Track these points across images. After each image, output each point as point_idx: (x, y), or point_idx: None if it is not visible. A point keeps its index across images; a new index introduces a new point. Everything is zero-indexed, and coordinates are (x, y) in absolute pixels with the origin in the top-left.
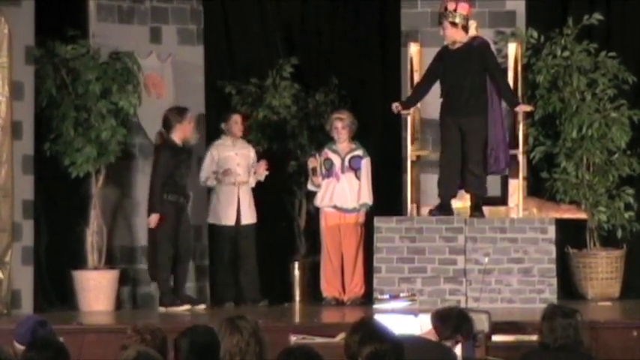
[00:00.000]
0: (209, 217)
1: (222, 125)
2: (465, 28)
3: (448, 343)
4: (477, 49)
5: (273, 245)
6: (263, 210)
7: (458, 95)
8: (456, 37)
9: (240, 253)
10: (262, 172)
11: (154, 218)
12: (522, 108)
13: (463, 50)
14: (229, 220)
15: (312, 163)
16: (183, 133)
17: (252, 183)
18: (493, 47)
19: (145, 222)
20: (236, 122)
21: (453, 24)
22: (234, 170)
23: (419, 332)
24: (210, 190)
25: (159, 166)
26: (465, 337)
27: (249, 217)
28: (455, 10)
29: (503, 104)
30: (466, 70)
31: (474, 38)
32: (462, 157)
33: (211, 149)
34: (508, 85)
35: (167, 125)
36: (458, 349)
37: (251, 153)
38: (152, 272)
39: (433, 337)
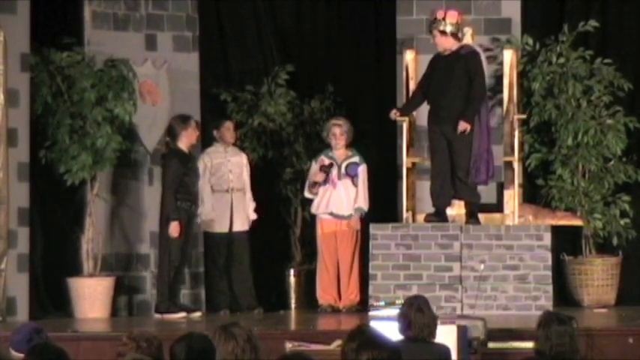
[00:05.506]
0: (201, 225)
1: (214, 132)
2: (455, 36)
3: None
4: (464, 57)
5: (268, 252)
6: (259, 217)
7: (441, 102)
8: (445, 45)
9: (233, 260)
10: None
11: (175, 227)
12: (462, 125)
13: (451, 58)
14: (223, 228)
15: (319, 177)
16: (189, 139)
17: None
18: (483, 56)
19: (141, 229)
20: (228, 129)
21: (443, 32)
22: (227, 177)
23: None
24: None
25: (168, 175)
26: None
27: (241, 224)
28: (444, 19)
29: (494, 114)
30: (451, 77)
31: (463, 47)
32: (450, 165)
33: (203, 156)
34: (477, 97)
35: (173, 134)
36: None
37: (243, 159)
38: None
39: None
